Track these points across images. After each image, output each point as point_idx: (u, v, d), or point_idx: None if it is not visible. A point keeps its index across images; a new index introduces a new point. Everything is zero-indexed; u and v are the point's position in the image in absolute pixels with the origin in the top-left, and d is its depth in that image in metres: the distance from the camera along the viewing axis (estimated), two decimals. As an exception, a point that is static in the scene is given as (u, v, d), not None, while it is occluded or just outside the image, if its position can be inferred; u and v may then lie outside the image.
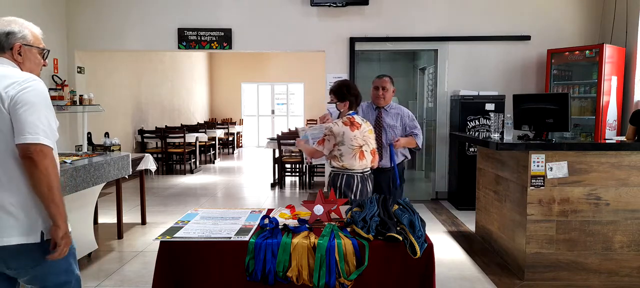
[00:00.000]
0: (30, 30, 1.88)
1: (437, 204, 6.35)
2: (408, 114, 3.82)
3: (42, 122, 1.69)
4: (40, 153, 1.67)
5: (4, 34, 1.81)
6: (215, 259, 2.12)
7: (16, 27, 1.84)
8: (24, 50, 1.85)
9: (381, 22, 6.41)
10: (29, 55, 1.87)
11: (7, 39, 1.81)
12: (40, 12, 5.94)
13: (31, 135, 1.66)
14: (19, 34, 1.84)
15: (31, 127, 1.66)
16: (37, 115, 1.68)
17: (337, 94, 3.12)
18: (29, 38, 1.87)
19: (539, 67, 6.38)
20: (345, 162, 3.06)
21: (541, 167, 3.49)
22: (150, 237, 4.62)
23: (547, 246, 3.55)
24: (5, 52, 1.82)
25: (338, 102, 3.13)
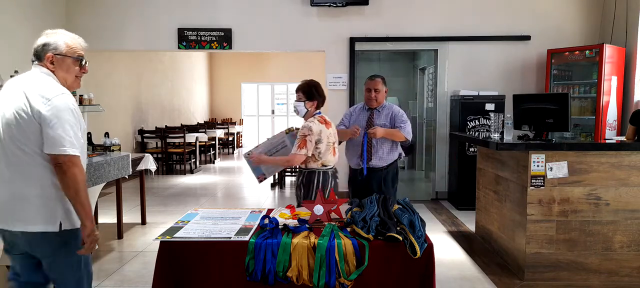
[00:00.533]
0: (64, 41, 2.04)
1: (437, 204, 6.35)
2: (398, 111, 3.76)
3: (67, 134, 1.89)
4: (68, 163, 1.88)
5: (41, 45, 2.02)
6: (215, 259, 2.13)
7: (51, 39, 2.03)
8: (56, 59, 2.02)
9: (381, 22, 6.41)
10: (61, 64, 2.04)
11: (43, 49, 2.02)
12: (40, 12, 5.94)
13: (59, 147, 1.87)
14: (52, 44, 2.02)
15: (59, 140, 1.87)
16: (62, 128, 1.88)
17: (307, 93, 3.18)
18: (61, 48, 2.03)
19: (539, 67, 6.38)
20: (324, 159, 3.13)
21: (541, 167, 3.49)
22: (150, 237, 4.62)
23: (547, 246, 3.55)
24: (42, 61, 2.03)
25: (307, 100, 3.18)
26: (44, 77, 1.98)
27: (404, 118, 3.72)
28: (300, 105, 3.18)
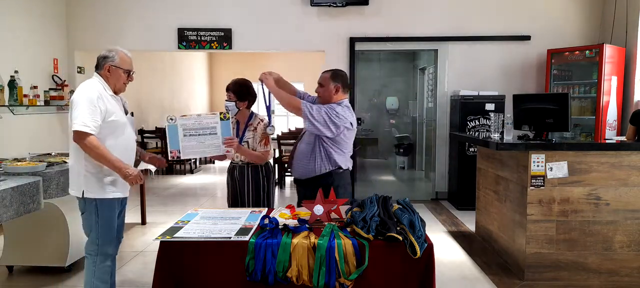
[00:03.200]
0: (119, 56, 2.66)
1: (437, 204, 6.35)
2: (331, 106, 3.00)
3: (81, 116, 2.45)
4: (77, 136, 2.45)
5: (102, 57, 2.66)
6: (215, 259, 2.13)
7: (111, 53, 2.65)
8: (112, 69, 2.64)
9: (381, 22, 6.41)
10: (115, 73, 2.66)
11: (103, 60, 2.65)
12: (41, 12, 5.94)
13: (74, 124, 2.45)
14: (110, 57, 2.64)
15: (74, 119, 2.47)
16: (78, 110, 2.47)
17: (237, 93, 3.25)
18: (116, 61, 2.64)
19: (539, 67, 6.38)
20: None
21: (541, 167, 3.49)
22: (150, 237, 4.62)
23: (547, 246, 3.55)
24: (100, 70, 2.66)
25: (238, 100, 3.25)
26: (91, 80, 2.62)
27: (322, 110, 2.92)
28: (231, 105, 3.23)
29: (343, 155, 3.06)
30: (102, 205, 2.62)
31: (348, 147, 3.09)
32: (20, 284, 3.63)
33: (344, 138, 3.00)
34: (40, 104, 4.08)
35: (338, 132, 2.92)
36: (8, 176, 3.03)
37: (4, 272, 3.82)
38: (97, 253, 2.66)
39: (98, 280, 2.67)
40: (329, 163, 3.02)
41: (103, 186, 2.60)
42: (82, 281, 3.07)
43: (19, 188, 2.77)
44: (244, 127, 3.31)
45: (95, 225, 2.64)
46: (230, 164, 3.41)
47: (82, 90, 2.55)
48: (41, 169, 3.27)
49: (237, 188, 3.33)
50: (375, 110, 9.08)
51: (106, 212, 2.63)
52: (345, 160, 3.09)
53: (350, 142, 3.10)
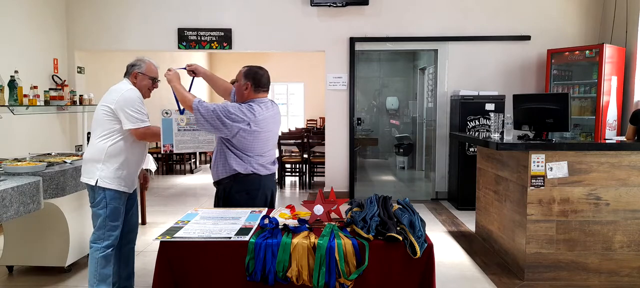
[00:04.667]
0: (146, 64, 2.98)
1: (437, 204, 6.35)
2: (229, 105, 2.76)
3: (135, 115, 2.84)
4: (135, 133, 2.87)
5: (130, 65, 2.98)
6: (215, 259, 2.12)
7: (138, 62, 2.97)
8: (139, 76, 2.96)
9: (381, 22, 6.41)
10: (141, 79, 2.97)
11: (131, 68, 2.97)
12: (41, 12, 5.94)
13: (130, 123, 2.83)
14: (137, 65, 2.95)
15: (129, 119, 2.83)
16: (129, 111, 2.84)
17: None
18: (143, 69, 2.96)
19: (539, 67, 6.38)
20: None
21: (541, 167, 3.49)
22: (150, 237, 4.62)
23: (547, 246, 3.55)
24: (129, 76, 2.97)
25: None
26: (123, 85, 2.93)
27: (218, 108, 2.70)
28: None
29: (242, 159, 2.78)
30: (111, 195, 2.88)
31: (253, 150, 2.78)
32: (20, 284, 3.63)
33: (242, 139, 2.72)
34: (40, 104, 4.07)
35: (230, 132, 2.68)
36: (8, 176, 3.03)
37: (4, 272, 3.82)
38: (101, 242, 2.89)
39: (102, 268, 2.88)
40: (224, 168, 2.81)
41: (115, 179, 2.87)
42: (82, 281, 3.09)
43: (19, 189, 2.77)
44: None
45: (102, 214, 2.88)
46: None
47: (127, 93, 2.86)
48: (41, 169, 3.27)
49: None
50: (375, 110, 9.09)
51: (114, 202, 2.89)
52: (245, 165, 2.78)
53: (258, 145, 2.78)
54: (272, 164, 2.95)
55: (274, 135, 2.94)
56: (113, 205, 2.90)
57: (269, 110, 2.87)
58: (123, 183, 2.92)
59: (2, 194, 2.63)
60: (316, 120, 13.45)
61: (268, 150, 2.88)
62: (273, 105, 2.96)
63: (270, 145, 2.89)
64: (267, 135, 2.83)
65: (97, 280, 2.89)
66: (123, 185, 2.92)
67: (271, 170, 2.93)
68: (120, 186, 2.91)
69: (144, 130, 2.86)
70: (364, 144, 8.69)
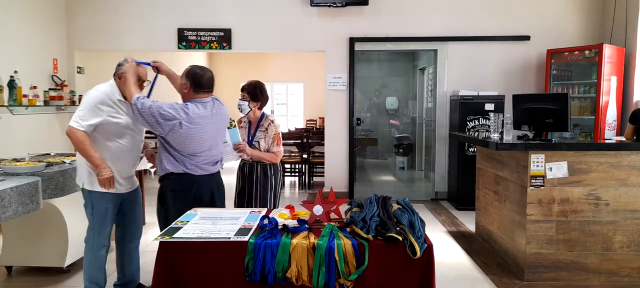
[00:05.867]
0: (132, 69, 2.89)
1: (436, 204, 6.35)
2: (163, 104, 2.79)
3: (78, 113, 2.77)
4: (69, 130, 2.77)
5: (118, 64, 2.94)
6: (214, 259, 2.12)
7: (124, 62, 2.91)
8: (122, 77, 2.87)
9: (381, 22, 6.41)
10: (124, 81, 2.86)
11: (118, 67, 2.93)
12: (41, 12, 5.93)
13: (71, 120, 2.77)
14: (122, 66, 2.90)
15: (73, 116, 2.78)
16: (79, 109, 2.81)
17: (252, 94, 3.42)
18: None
19: (538, 67, 6.38)
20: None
21: (541, 167, 3.49)
22: (149, 237, 4.61)
23: (547, 246, 3.55)
24: (115, 75, 2.93)
25: (251, 100, 3.42)
26: (104, 85, 2.90)
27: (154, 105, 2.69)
28: (244, 104, 3.41)
29: (176, 158, 2.79)
30: (95, 197, 2.91)
31: (186, 149, 2.77)
32: (19, 284, 3.63)
33: (176, 137, 2.72)
34: (40, 104, 4.07)
35: (163, 130, 2.68)
36: (7, 176, 3.02)
37: (3, 272, 3.82)
38: (92, 242, 2.95)
39: (94, 267, 2.96)
40: (160, 167, 2.85)
41: (96, 181, 2.85)
42: (81, 282, 3.09)
43: (18, 189, 2.77)
44: (255, 127, 3.47)
45: (90, 216, 2.95)
46: (241, 161, 3.52)
47: (89, 92, 2.86)
48: (40, 169, 3.26)
49: (246, 185, 3.46)
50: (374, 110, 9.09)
51: (99, 204, 2.92)
52: (178, 164, 2.79)
53: (191, 144, 2.76)
54: (211, 165, 2.92)
55: (211, 135, 2.86)
56: (99, 206, 2.92)
57: (207, 109, 2.84)
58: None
59: (1, 194, 2.62)
60: (316, 121, 13.44)
61: (203, 150, 2.84)
62: (215, 105, 2.92)
63: (206, 145, 2.84)
64: (202, 135, 2.78)
65: (90, 279, 2.97)
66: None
67: (208, 170, 2.89)
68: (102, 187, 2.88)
69: (71, 131, 2.75)
70: (363, 144, 8.69)
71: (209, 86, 2.90)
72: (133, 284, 3.29)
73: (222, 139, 3.05)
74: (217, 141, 2.95)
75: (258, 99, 3.44)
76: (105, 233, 2.99)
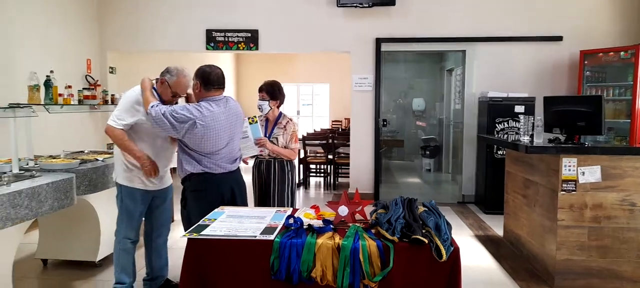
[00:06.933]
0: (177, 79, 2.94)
1: (463, 207, 6.26)
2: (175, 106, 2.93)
3: (116, 113, 2.91)
4: (107, 129, 2.91)
5: (166, 69, 2.98)
6: (240, 257, 2.15)
7: (173, 71, 2.96)
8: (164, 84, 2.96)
9: (408, 22, 6.36)
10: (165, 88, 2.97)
11: (165, 73, 2.97)
12: (75, 15, 6.13)
13: (109, 119, 2.91)
14: (170, 74, 2.95)
15: (111, 115, 2.92)
16: (116, 108, 2.95)
17: (270, 93, 3.52)
18: (172, 81, 2.94)
19: (571, 68, 6.21)
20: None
21: (573, 171, 3.40)
22: (177, 234, 4.70)
23: (578, 253, 3.45)
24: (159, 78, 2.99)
25: (270, 99, 3.52)
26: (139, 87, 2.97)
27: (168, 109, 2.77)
28: (264, 104, 3.52)
29: (194, 158, 2.85)
30: (126, 191, 3.04)
31: (204, 148, 2.82)
32: (53, 277, 3.76)
33: (192, 137, 2.76)
34: (74, 103, 4.20)
35: (178, 132, 2.74)
36: (43, 172, 3.14)
37: (39, 265, 3.96)
38: (121, 234, 3.09)
39: (123, 258, 3.10)
40: (181, 169, 2.93)
41: (128, 176, 3.02)
42: (113, 276, 3.18)
43: (54, 185, 2.87)
44: (273, 125, 3.57)
45: (119, 208, 3.09)
46: (257, 159, 3.62)
47: (127, 93, 2.98)
48: (75, 166, 3.37)
49: (264, 182, 3.56)
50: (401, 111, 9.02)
51: (128, 198, 3.04)
52: (196, 164, 2.85)
53: (208, 143, 2.80)
54: (230, 163, 2.96)
55: (227, 133, 2.89)
56: (127, 201, 3.05)
57: (220, 107, 2.87)
58: (137, 180, 3.03)
59: (37, 190, 2.72)
60: (341, 121, 13.43)
61: (221, 147, 2.88)
62: (228, 102, 2.95)
63: (222, 142, 2.87)
64: (217, 133, 2.82)
65: (119, 270, 3.11)
66: (137, 182, 3.03)
67: (227, 168, 2.93)
68: (133, 183, 3.03)
69: (110, 129, 2.89)
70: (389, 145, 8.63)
71: (218, 83, 2.91)
72: (161, 279, 3.36)
73: (239, 136, 3.12)
74: (234, 138, 2.99)
75: (276, 97, 3.55)
76: (132, 226, 3.09)
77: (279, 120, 3.59)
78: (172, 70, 2.96)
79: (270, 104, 3.53)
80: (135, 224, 3.11)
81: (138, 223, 3.14)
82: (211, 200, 2.84)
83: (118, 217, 3.11)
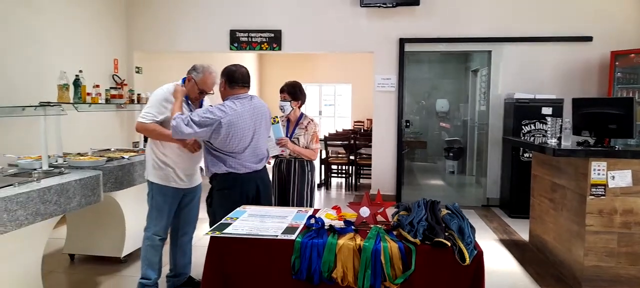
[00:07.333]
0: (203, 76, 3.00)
1: (488, 211, 6.15)
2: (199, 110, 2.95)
3: (145, 110, 3.01)
4: (137, 126, 3.03)
5: (193, 67, 3.04)
6: (261, 256, 2.16)
7: (200, 68, 3.01)
8: (191, 82, 3.02)
9: (432, 22, 6.29)
10: (191, 85, 3.03)
11: (191, 71, 3.04)
12: (103, 16, 6.28)
13: (139, 116, 3.02)
14: (196, 71, 3.02)
15: (142, 112, 3.02)
16: (145, 107, 3.05)
17: (292, 94, 3.55)
18: (198, 78, 3.01)
19: (601, 69, 6.03)
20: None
21: (602, 176, 3.30)
22: (200, 232, 4.75)
23: (606, 259, 3.35)
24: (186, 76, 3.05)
25: (292, 100, 3.55)
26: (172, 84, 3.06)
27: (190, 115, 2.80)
28: (286, 105, 3.57)
29: (219, 158, 2.87)
30: (156, 189, 3.10)
31: (229, 147, 2.83)
32: (80, 271, 3.85)
33: (218, 137, 2.77)
34: (102, 101, 4.30)
35: (205, 135, 2.76)
36: (72, 169, 3.22)
37: (67, 259, 4.06)
38: (150, 229, 3.15)
39: (150, 254, 3.16)
40: (207, 170, 2.99)
41: (159, 174, 3.08)
42: (137, 272, 3.25)
43: (82, 181, 2.94)
44: (294, 125, 3.61)
45: (150, 205, 3.15)
46: (277, 159, 3.66)
47: (156, 91, 3.07)
48: (101, 164, 3.45)
49: (284, 181, 3.60)
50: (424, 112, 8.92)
51: (158, 196, 3.11)
52: (221, 165, 2.87)
53: (234, 141, 2.81)
54: (256, 162, 2.97)
55: (252, 131, 2.90)
56: (158, 198, 3.11)
57: (245, 105, 2.88)
58: (166, 178, 3.09)
59: (66, 186, 2.80)
60: (363, 122, 13.38)
61: (246, 145, 2.88)
62: (253, 100, 2.96)
63: (247, 140, 2.88)
64: (242, 130, 2.83)
65: (146, 265, 3.17)
66: (166, 180, 3.10)
67: (252, 168, 2.94)
68: (163, 181, 3.09)
69: (141, 125, 2.99)
70: (412, 147, 8.55)
71: (243, 80, 2.93)
72: (184, 277, 3.41)
73: (266, 135, 3.12)
74: (259, 136, 2.98)
75: (298, 97, 3.58)
76: (161, 223, 3.15)
77: (301, 120, 3.62)
78: (198, 68, 3.02)
79: (292, 105, 3.56)
80: (164, 221, 3.16)
81: (168, 221, 3.19)
82: (235, 200, 2.86)
83: (148, 213, 3.17)
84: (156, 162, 3.08)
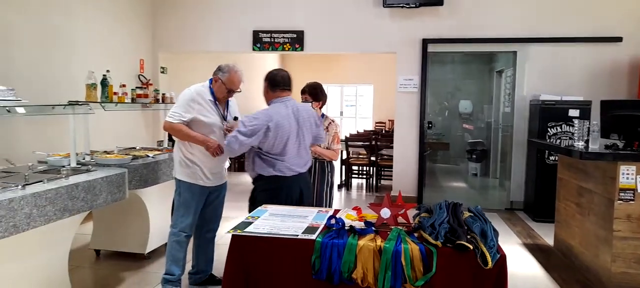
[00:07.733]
0: (229, 75, 3.07)
1: (511, 214, 6.05)
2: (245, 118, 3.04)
3: (173, 110, 3.07)
4: (165, 125, 3.13)
5: (219, 67, 3.12)
6: (282, 255, 2.17)
7: (226, 68, 3.08)
8: (218, 82, 3.10)
9: (456, 22, 6.22)
10: (219, 85, 3.10)
11: (217, 71, 3.12)
12: (130, 18, 6.42)
13: (167, 116, 3.08)
14: (222, 71, 3.09)
15: (169, 112, 3.08)
16: (173, 107, 3.10)
17: (313, 94, 3.56)
18: (224, 78, 3.08)
19: (631, 71, 5.86)
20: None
21: (631, 180, 3.21)
22: (222, 230, 4.80)
23: (635, 266, 3.25)
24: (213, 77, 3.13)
25: (313, 101, 3.54)
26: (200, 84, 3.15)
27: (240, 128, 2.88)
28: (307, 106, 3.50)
29: (266, 162, 2.91)
30: (184, 186, 3.16)
31: (275, 149, 2.88)
32: (105, 266, 3.95)
33: (266, 141, 2.84)
34: (128, 101, 4.39)
35: (255, 141, 2.82)
36: (98, 167, 3.30)
37: (92, 255, 4.17)
38: (176, 226, 3.20)
39: (175, 249, 3.21)
40: (252, 171, 3.02)
41: (187, 172, 3.15)
42: (160, 268, 3.31)
43: (108, 179, 3.01)
44: None
45: (177, 202, 3.21)
46: None
47: (184, 91, 3.13)
48: (127, 162, 3.52)
49: None
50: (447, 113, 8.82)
51: (186, 193, 3.17)
52: (268, 168, 2.91)
53: (279, 144, 2.87)
54: (301, 166, 3.00)
55: (296, 133, 2.94)
56: (184, 195, 3.17)
57: (288, 108, 2.94)
58: (193, 176, 3.15)
59: (93, 183, 2.87)
60: (385, 123, 13.32)
61: (290, 148, 2.91)
62: (289, 103, 2.98)
63: (291, 142, 2.91)
64: (288, 131, 2.89)
65: (170, 260, 3.23)
66: (194, 178, 3.15)
67: (296, 171, 2.97)
68: (190, 179, 3.15)
69: (168, 124, 3.06)
70: (434, 148, 8.45)
71: (284, 83, 2.99)
72: (206, 274, 3.46)
73: (310, 138, 3.12)
74: (305, 140, 3.01)
75: (319, 98, 3.59)
76: (187, 221, 3.20)
77: (322, 121, 3.62)
78: (224, 68, 3.08)
79: (313, 105, 3.56)
80: (191, 218, 3.21)
81: (194, 218, 3.24)
82: (280, 201, 2.89)
83: (175, 210, 3.24)
84: (184, 160, 3.15)
